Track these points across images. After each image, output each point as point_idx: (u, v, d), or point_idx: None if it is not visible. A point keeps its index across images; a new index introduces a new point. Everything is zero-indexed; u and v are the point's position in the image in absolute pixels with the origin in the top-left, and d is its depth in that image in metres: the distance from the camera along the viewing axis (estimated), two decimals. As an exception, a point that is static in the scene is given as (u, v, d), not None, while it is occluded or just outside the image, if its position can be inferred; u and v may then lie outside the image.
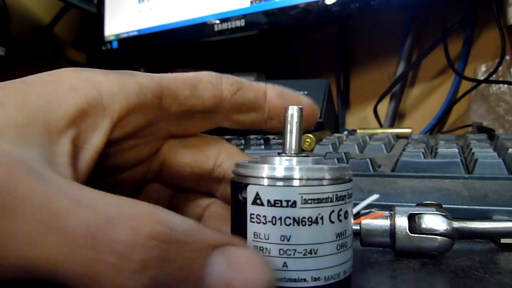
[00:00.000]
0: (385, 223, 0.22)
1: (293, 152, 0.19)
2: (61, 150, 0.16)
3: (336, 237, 0.17)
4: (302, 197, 0.17)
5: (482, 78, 0.61)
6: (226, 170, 0.22)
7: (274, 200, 0.17)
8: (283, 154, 0.19)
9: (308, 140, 0.43)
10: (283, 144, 0.19)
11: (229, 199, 0.19)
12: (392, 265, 0.21)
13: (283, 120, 0.19)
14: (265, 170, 0.17)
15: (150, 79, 0.19)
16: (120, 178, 0.22)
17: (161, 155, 0.22)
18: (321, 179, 0.17)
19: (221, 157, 0.22)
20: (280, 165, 0.17)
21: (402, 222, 0.22)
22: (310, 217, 0.17)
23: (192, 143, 0.23)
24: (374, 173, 0.33)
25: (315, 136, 0.44)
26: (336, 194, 0.17)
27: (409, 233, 0.22)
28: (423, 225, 0.22)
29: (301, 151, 0.19)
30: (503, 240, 0.24)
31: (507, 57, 0.60)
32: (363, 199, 0.23)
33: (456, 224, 0.22)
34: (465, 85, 0.65)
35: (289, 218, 0.17)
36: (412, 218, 0.22)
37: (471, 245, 0.24)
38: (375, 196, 0.22)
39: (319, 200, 0.17)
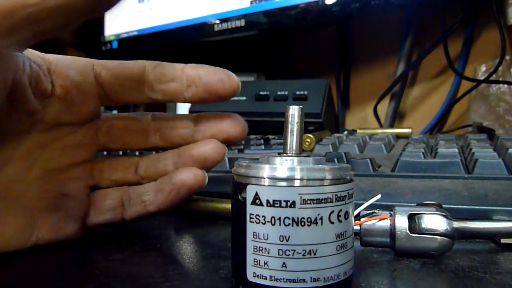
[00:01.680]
0: (385, 223, 0.22)
1: (294, 152, 0.19)
2: None
3: (336, 238, 0.17)
4: (301, 197, 0.17)
5: (482, 78, 0.61)
6: None
7: (273, 200, 0.17)
8: (284, 154, 0.19)
9: (308, 140, 0.43)
10: (283, 144, 0.19)
11: None
12: (392, 265, 0.21)
13: (284, 120, 0.19)
14: (264, 170, 0.17)
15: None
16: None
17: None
18: (321, 179, 0.17)
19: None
20: (280, 165, 0.17)
21: (402, 222, 0.22)
22: (309, 218, 0.17)
23: None
24: (374, 173, 0.33)
25: (315, 136, 0.44)
26: (336, 195, 0.17)
27: (409, 233, 0.22)
28: (423, 225, 0.22)
29: (302, 151, 0.19)
30: (503, 240, 0.24)
31: (507, 57, 0.60)
32: (363, 199, 0.23)
33: (456, 224, 0.22)
34: (465, 85, 0.65)
35: (288, 218, 0.17)
36: (412, 218, 0.22)
37: (471, 245, 0.24)
38: (377, 197, 0.22)
39: (319, 201, 0.17)
